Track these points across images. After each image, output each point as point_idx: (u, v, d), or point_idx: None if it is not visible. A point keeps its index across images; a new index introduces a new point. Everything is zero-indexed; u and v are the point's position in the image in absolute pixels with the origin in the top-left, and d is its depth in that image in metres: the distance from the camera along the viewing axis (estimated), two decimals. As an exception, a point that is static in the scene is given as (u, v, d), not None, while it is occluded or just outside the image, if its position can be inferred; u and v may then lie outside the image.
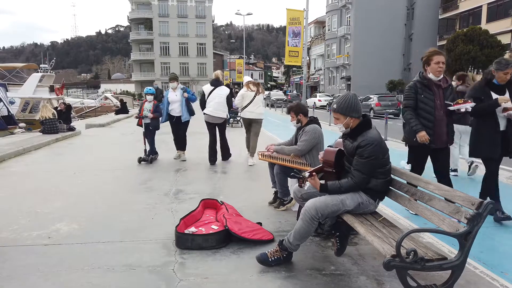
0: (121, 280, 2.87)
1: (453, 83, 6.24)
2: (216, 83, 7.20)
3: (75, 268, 3.04)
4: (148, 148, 7.48)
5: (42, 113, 11.85)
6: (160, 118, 7.51)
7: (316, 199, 3.03)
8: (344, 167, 3.24)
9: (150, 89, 7.62)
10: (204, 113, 7.18)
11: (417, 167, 4.24)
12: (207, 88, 7.27)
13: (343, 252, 3.28)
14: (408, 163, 5.54)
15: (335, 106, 3.09)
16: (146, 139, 7.50)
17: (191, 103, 7.62)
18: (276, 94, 38.92)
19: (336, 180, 3.10)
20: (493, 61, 4.19)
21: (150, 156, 7.39)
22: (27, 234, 3.77)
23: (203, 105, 7.27)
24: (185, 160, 7.60)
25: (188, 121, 7.62)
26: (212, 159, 7.26)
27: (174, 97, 7.45)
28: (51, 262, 3.16)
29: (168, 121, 7.64)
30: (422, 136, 3.94)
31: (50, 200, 4.94)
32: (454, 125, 4.70)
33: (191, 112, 7.60)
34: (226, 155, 7.59)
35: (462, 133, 6.12)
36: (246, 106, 7.16)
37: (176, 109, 7.47)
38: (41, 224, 4.05)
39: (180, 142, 7.84)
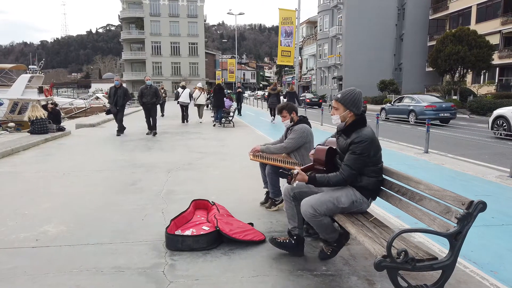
0: (110, 282, 2.83)
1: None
2: (184, 87, 17.09)
3: (63, 271, 2.99)
4: None
5: (32, 112, 11.65)
6: None
7: (308, 198, 3.01)
8: (335, 165, 3.23)
9: None
10: (178, 101, 16.69)
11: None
12: (180, 90, 17.15)
13: (327, 259, 3.21)
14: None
15: (339, 95, 3.08)
16: None
17: None
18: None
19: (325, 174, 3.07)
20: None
21: None
22: (15, 236, 3.70)
23: (177, 98, 16.96)
24: None
25: None
26: (183, 121, 16.32)
27: None
28: (38, 264, 3.11)
29: None
30: None
31: (38, 201, 4.86)
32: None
33: None
34: (186, 120, 16.40)
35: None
36: (197, 98, 16.54)
37: None
38: (28, 226, 3.98)
39: None
